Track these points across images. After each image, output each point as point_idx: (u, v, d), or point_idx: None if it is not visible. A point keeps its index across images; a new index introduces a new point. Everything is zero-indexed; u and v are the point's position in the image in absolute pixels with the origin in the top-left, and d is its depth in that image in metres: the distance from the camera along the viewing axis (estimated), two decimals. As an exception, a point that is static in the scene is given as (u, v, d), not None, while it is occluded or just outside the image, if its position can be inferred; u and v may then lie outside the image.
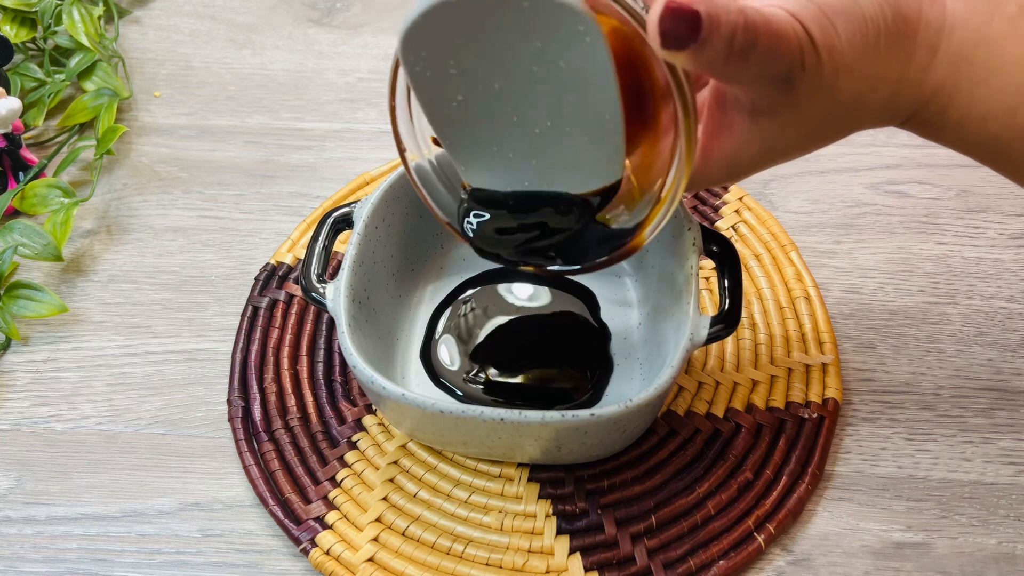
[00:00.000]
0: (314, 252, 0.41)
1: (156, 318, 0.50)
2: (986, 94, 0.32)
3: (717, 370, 0.46)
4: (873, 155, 0.56)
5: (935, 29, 0.32)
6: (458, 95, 0.33)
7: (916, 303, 0.49)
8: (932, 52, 0.32)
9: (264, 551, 0.41)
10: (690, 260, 0.40)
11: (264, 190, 0.55)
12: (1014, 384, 0.46)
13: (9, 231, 0.50)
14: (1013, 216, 0.52)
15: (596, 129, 0.33)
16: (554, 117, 0.33)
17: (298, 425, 0.45)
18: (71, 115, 0.58)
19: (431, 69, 0.32)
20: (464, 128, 0.35)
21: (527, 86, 0.32)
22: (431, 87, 0.33)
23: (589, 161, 0.35)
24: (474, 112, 0.34)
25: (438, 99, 0.34)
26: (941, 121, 0.33)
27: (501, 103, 0.33)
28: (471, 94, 0.33)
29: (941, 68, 0.32)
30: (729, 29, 0.28)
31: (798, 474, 0.42)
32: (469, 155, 0.36)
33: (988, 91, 0.32)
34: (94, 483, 0.44)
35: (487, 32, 0.31)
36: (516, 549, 0.41)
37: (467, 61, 0.32)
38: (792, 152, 0.34)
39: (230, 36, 0.65)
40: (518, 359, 0.45)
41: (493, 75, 0.32)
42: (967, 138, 0.34)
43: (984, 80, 0.32)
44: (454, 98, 0.33)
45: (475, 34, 0.31)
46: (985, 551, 0.41)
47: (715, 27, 0.28)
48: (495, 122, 0.34)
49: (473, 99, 0.33)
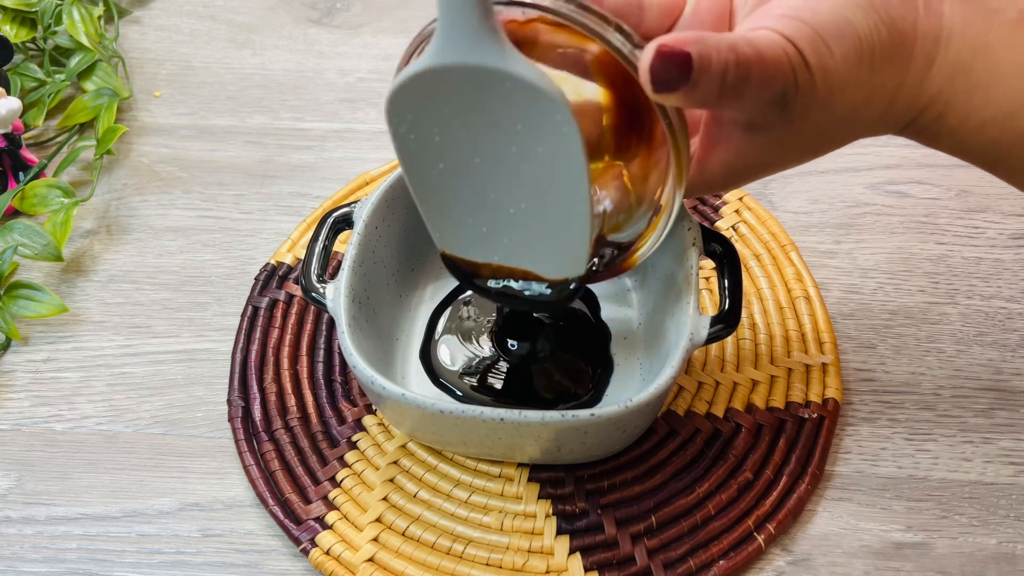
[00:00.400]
0: (314, 252, 0.41)
1: (156, 318, 0.50)
2: (984, 100, 0.32)
3: (717, 370, 0.46)
4: (873, 155, 0.56)
5: (932, 41, 0.32)
6: (439, 163, 0.34)
7: (916, 303, 0.49)
8: (929, 64, 0.32)
9: (264, 551, 0.41)
10: (690, 260, 0.40)
11: (264, 190, 0.55)
12: (1014, 384, 0.46)
13: (9, 231, 0.50)
14: (1013, 216, 0.52)
15: (565, 219, 0.34)
16: (529, 201, 0.34)
17: (298, 425, 0.45)
18: (71, 115, 0.58)
19: (415, 133, 0.33)
20: (442, 196, 0.35)
21: (505, 166, 0.33)
22: (414, 151, 0.34)
23: (556, 251, 0.36)
24: (453, 182, 0.34)
25: (420, 164, 0.34)
26: (938, 128, 0.33)
27: (480, 177, 0.34)
28: (452, 164, 0.34)
29: (938, 78, 0.32)
30: (720, 68, 0.28)
31: (798, 474, 0.42)
32: (444, 223, 0.36)
33: (986, 97, 0.32)
34: (94, 483, 0.44)
35: (471, 105, 0.31)
36: (516, 549, 0.41)
37: (451, 131, 0.32)
38: (788, 163, 0.34)
39: (230, 36, 0.65)
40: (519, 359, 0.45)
41: (475, 149, 0.33)
42: (965, 144, 0.34)
43: (982, 86, 0.32)
44: (436, 165, 0.34)
45: (461, 106, 0.31)
46: (985, 551, 0.41)
47: (706, 68, 0.28)
48: (472, 195, 0.34)
49: (453, 169, 0.34)
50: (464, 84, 0.30)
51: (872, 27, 0.31)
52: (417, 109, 0.32)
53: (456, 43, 0.29)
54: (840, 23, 0.30)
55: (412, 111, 0.32)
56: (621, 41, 0.31)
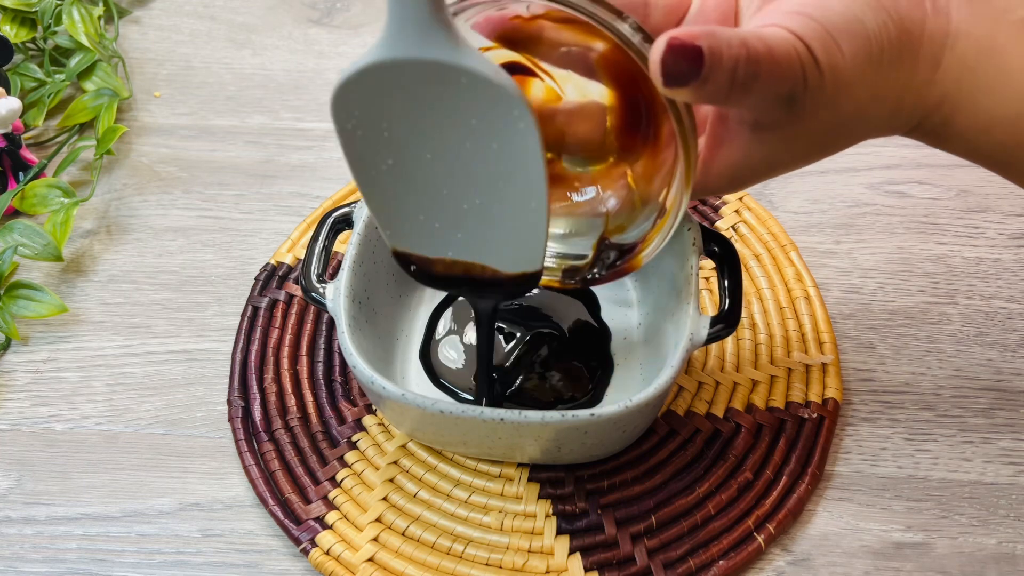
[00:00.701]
0: (314, 252, 0.41)
1: (156, 318, 0.50)
2: (991, 102, 0.32)
3: (717, 370, 0.46)
4: (873, 155, 0.56)
5: (939, 42, 0.32)
6: (388, 159, 0.32)
7: (916, 303, 0.49)
8: (936, 65, 0.32)
9: (264, 551, 0.41)
10: (690, 260, 0.39)
11: (264, 190, 0.55)
12: (1014, 384, 0.46)
13: (9, 231, 0.50)
14: (1013, 216, 0.52)
15: (521, 217, 0.33)
16: (483, 196, 0.33)
17: (298, 425, 0.45)
18: (71, 115, 0.58)
19: (362, 129, 0.31)
20: (392, 193, 0.34)
21: (459, 161, 0.32)
22: (361, 147, 0.32)
23: (512, 245, 0.35)
24: (403, 178, 0.33)
25: (368, 161, 0.32)
26: (946, 130, 0.33)
27: (432, 173, 0.32)
28: (402, 160, 0.32)
29: (945, 79, 0.32)
30: (731, 63, 0.28)
31: (798, 474, 0.42)
32: (394, 220, 0.35)
33: (993, 99, 0.32)
34: (94, 483, 0.44)
35: (423, 100, 0.30)
36: (516, 549, 0.41)
37: (401, 126, 0.31)
38: (795, 164, 0.34)
39: (230, 36, 0.65)
40: (519, 359, 0.45)
41: (426, 145, 0.32)
42: (973, 146, 0.34)
43: (989, 88, 0.32)
44: (384, 161, 0.32)
45: (411, 101, 0.30)
46: (985, 551, 0.41)
47: (717, 62, 0.28)
48: (424, 191, 0.33)
49: (403, 165, 0.32)
50: (415, 79, 0.29)
51: (881, 26, 0.30)
52: (365, 104, 0.30)
53: (405, 37, 0.28)
54: (850, 21, 0.30)
55: (359, 106, 0.30)
56: (631, 32, 0.31)
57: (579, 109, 0.31)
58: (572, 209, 0.39)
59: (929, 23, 0.31)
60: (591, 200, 0.38)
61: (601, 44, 0.33)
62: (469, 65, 0.28)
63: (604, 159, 0.37)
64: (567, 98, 0.36)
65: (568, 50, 0.34)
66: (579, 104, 0.36)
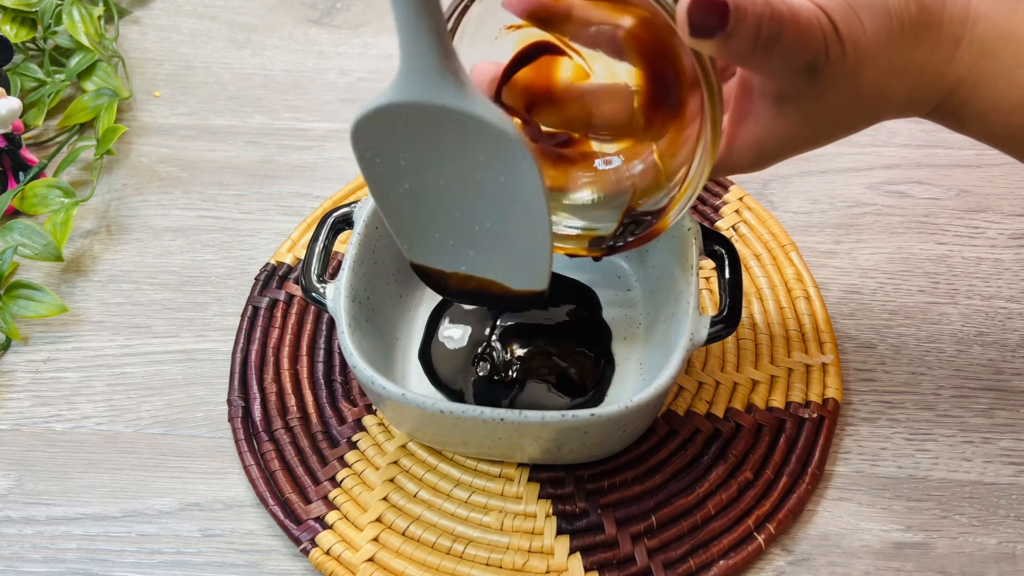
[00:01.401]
0: (314, 252, 0.41)
1: (156, 318, 0.50)
2: (1010, 86, 0.33)
3: (717, 370, 0.46)
4: (873, 155, 0.56)
5: (958, 22, 0.32)
6: (405, 183, 0.35)
7: (916, 303, 0.49)
8: (955, 44, 0.32)
9: (264, 551, 0.41)
10: (690, 260, 0.40)
11: (264, 190, 0.55)
12: (1014, 384, 0.46)
13: (9, 231, 0.50)
14: (1013, 216, 0.52)
15: (527, 242, 0.35)
16: (492, 220, 0.35)
17: (298, 425, 0.45)
18: (71, 115, 0.58)
19: (380, 158, 0.34)
20: (409, 213, 0.36)
21: (470, 189, 0.34)
22: (380, 173, 0.35)
23: (520, 266, 0.37)
24: (419, 201, 0.35)
25: (386, 185, 0.35)
26: (965, 112, 0.34)
27: (445, 198, 0.35)
28: (417, 185, 0.35)
29: (964, 60, 0.33)
30: (755, 20, 0.29)
31: (798, 474, 0.42)
32: (411, 236, 0.37)
33: (1012, 83, 0.33)
34: (94, 483, 0.44)
35: (434, 137, 0.32)
36: (516, 549, 0.41)
37: (415, 157, 0.34)
38: (816, 141, 0.35)
39: (230, 36, 0.65)
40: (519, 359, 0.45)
41: (439, 173, 0.34)
42: (991, 129, 0.34)
43: (1008, 72, 0.32)
44: (401, 185, 0.35)
45: (423, 136, 0.32)
46: (985, 551, 0.41)
47: (742, 18, 0.29)
48: (438, 213, 0.36)
49: (419, 190, 0.35)
50: (425, 119, 0.32)
51: (902, 2, 0.31)
52: (381, 137, 0.33)
53: (416, 82, 0.30)
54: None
55: (376, 139, 0.33)
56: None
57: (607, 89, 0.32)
58: (599, 185, 0.40)
59: (949, 4, 0.32)
60: (618, 176, 0.39)
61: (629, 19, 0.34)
62: (476, 112, 0.31)
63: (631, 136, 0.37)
64: (595, 77, 0.37)
65: (597, 29, 0.35)
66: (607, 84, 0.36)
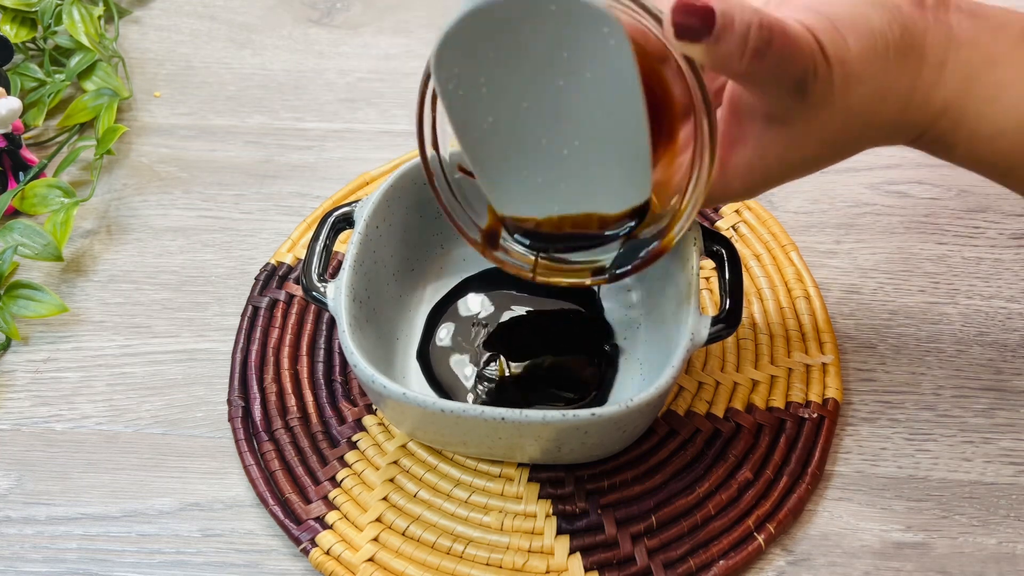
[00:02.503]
0: (315, 251, 0.41)
1: (156, 318, 0.50)
2: (995, 111, 0.33)
3: (717, 370, 0.46)
4: (873, 155, 0.55)
5: (941, 46, 0.33)
6: (489, 116, 0.34)
7: (916, 303, 0.49)
8: (940, 68, 0.33)
9: (264, 551, 0.41)
10: (690, 260, 0.40)
11: (264, 190, 0.55)
12: (1014, 384, 0.46)
13: (9, 231, 0.50)
14: (1013, 216, 0.52)
15: (622, 142, 0.34)
16: (581, 135, 0.34)
17: (298, 425, 0.45)
18: (71, 115, 0.58)
19: (463, 87, 0.33)
20: (496, 153, 0.35)
21: (555, 104, 0.33)
22: (462, 108, 0.34)
23: (616, 180, 0.36)
24: (505, 135, 0.34)
25: (470, 122, 0.34)
26: (951, 139, 0.34)
27: (530, 124, 0.34)
28: (501, 115, 0.34)
29: (949, 84, 0.33)
30: (744, 26, 0.29)
31: (798, 474, 0.42)
32: (500, 181, 0.36)
33: (996, 109, 0.33)
34: (94, 483, 0.44)
35: (516, 42, 0.31)
36: (516, 549, 0.41)
37: (496, 78, 0.33)
38: (806, 165, 0.35)
39: (230, 36, 0.65)
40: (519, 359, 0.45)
41: (522, 93, 0.33)
42: (978, 155, 0.34)
43: (993, 98, 0.33)
44: (485, 119, 0.34)
45: (504, 45, 0.32)
46: (985, 551, 0.41)
47: (728, 23, 0.29)
48: (525, 145, 0.35)
49: (503, 120, 0.34)
50: (505, 21, 0.31)
51: (887, 25, 0.32)
52: (462, 60, 0.32)
53: None
54: (856, 17, 0.31)
55: (457, 63, 0.32)
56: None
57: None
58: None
59: (931, 31, 0.32)
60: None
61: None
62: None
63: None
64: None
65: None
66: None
